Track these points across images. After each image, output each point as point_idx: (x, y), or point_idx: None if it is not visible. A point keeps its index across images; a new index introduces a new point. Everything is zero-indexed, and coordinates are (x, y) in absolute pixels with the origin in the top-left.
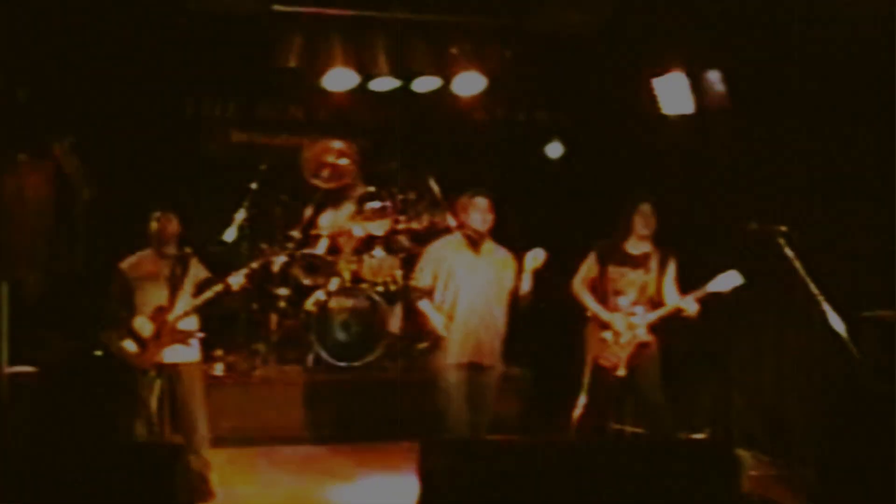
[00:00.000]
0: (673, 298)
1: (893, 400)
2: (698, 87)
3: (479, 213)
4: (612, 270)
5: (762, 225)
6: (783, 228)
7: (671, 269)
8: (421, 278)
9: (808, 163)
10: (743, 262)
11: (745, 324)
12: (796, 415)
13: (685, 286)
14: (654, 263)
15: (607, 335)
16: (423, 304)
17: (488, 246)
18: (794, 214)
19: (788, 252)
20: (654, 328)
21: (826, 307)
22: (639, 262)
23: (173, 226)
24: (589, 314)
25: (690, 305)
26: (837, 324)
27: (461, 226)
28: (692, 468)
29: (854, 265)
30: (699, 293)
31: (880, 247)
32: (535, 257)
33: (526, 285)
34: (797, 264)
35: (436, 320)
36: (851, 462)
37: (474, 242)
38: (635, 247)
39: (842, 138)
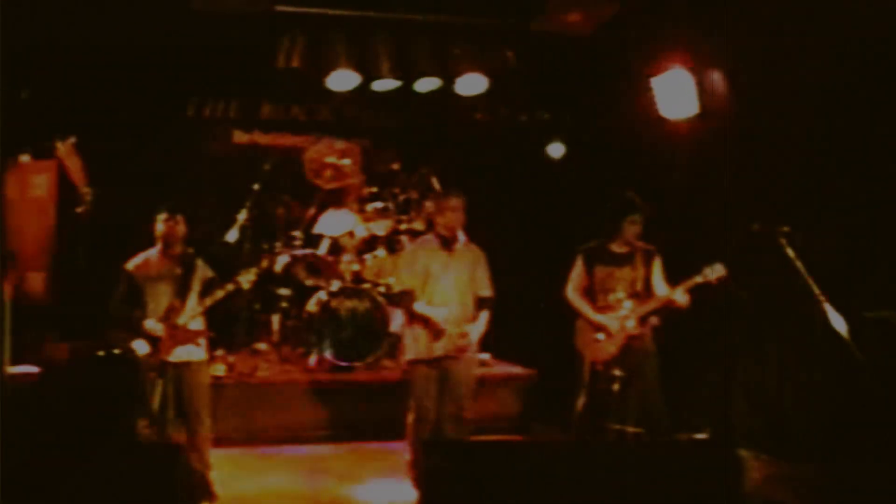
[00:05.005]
0: (663, 291)
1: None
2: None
3: (451, 211)
4: (600, 270)
5: (763, 225)
6: (785, 229)
7: (657, 264)
8: (401, 283)
9: (809, 163)
10: (744, 263)
11: (746, 324)
12: (797, 415)
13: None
14: (639, 260)
15: (599, 336)
16: (419, 307)
17: (461, 244)
18: (795, 214)
19: (790, 252)
20: (645, 322)
21: (828, 307)
22: (625, 260)
23: (181, 227)
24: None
25: (681, 297)
26: (839, 324)
27: (434, 226)
28: (692, 468)
29: (855, 265)
30: (687, 284)
31: (881, 247)
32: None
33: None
34: (799, 264)
35: (438, 315)
36: (853, 462)
37: (447, 242)
38: (620, 246)
39: (843, 138)
